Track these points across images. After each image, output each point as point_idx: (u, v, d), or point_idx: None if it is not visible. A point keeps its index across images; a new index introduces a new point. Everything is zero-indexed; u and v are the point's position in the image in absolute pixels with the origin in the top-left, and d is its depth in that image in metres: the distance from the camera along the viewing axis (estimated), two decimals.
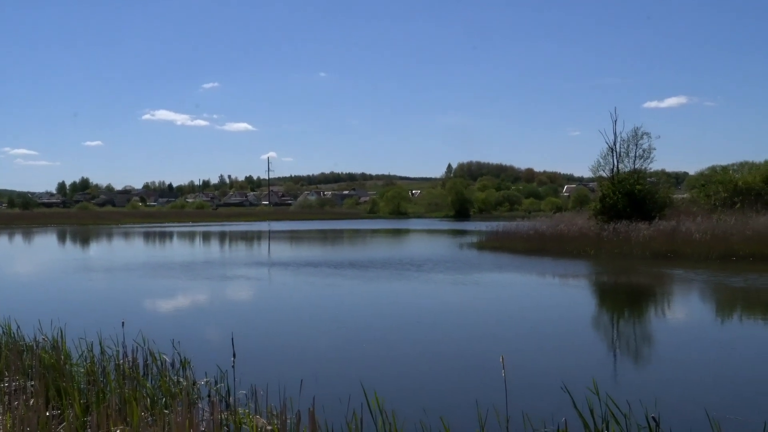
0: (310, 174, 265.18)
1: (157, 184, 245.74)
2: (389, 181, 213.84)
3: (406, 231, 70.86)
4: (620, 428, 7.09)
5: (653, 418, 6.99)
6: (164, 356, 10.48)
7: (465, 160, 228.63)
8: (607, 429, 7.09)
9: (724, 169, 55.18)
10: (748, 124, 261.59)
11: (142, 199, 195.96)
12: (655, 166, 43.99)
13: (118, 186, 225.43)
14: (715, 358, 11.92)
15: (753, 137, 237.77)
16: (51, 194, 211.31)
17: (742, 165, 56.72)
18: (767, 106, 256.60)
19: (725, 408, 8.49)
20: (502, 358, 7.22)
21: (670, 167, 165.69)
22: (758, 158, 73.51)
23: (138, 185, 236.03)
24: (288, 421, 6.89)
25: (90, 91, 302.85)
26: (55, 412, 7.31)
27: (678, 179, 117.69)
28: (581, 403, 7.38)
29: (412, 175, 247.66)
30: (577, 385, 8.18)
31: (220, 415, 7.36)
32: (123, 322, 10.76)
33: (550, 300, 19.98)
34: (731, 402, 9.02)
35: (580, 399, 7.46)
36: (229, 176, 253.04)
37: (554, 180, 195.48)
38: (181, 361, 10.50)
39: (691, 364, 11.61)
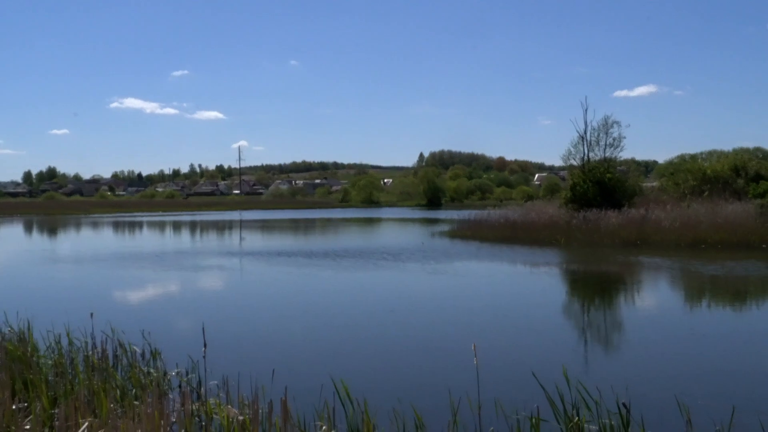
0: (282, 163, 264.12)
1: (126, 174, 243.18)
2: (361, 170, 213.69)
3: (378, 220, 70.85)
4: (591, 415, 7.14)
5: (624, 404, 7.04)
6: (134, 347, 10.37)
7: (437, 148, 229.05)
8: (578, 415, 7.14)
9: (693, 157, 55.94)
10: (716, 113, 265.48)
11: (111, 189, 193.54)
12: (625, 154, 44.34)
13: (86, 175, 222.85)
14: (685, 345, 12.05)
15: (721, 126, 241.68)
16: (17, 184, 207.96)
17: (711, 153, 57.48)
18: (735, 95, 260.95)
19: (695, 394, 8.59)
20: (474, 346, 7.23)
21: (640, 156, 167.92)
22: (726, 147, 74.52)
23: (106, 174, 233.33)
24: (260, 410, 6.84)
25: (57, 79, 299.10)
26: (21, 405, 7.18)
27: (648, 168, 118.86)
28: (552, 390, 7.42)
29: (384, 164, 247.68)
30: (549, 372, 8.24)
31: (191, 405, 7.29)
32: (92, 314, 10.62)
33: (522, 288, 20.10)
34: (701, 388, 9.12)
35: (551, 386, 7.50)
36: (200, 165, 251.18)
37: (525, 169, 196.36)
38: (151, 352, 10.39)
39: (661, 350, 11.72)
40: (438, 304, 17.02)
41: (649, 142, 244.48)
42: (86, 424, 6.17)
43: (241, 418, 6.68)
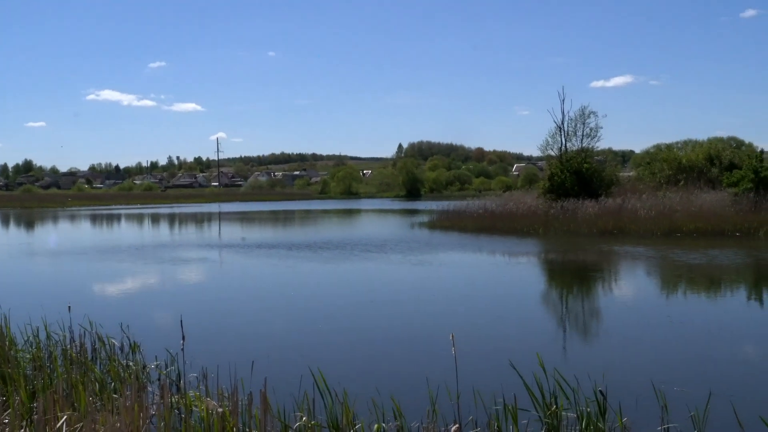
0: (261, 155, 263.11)
1: (103, 166, 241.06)
2: (340, 161, 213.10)
3: (358, 211, 70.81)
4: (569, 402, 7.22)
5: (600, 391, 7.14)
6: (113, 340, 10.35)
7: (416, 139, 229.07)
8: (556, 403, 7.22)
9: (669, 147, 56.31)
10: (691, 102, 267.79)
11: (88, 182, 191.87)
12: (602, 144, 44.51)
13: (63, 168, 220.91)
14: (661, 332, 12.19)
15: (696, 116, 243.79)
16: None
17: (686, 143, 57.89)
18: (709, 85, 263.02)
19: (671, 380, 8.70)
20: (452, 336, 7.28)
21: (617, 146, 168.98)
22: (701, 136, 75.14)
23: (83, 167, 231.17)
24: (240, 402, 6.86)
25: (32, 72, 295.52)
26: None
27: (624, 157, 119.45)
28: (531, 379, 7.50)
29: (363, 155, 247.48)
30: (528, 361, 8.31)
31: (171, 398, 7.29)
32: (69, 307, 10.56)
33: (501, 278, 20.21)
34: (677, 374, 9.24)
35: (529, 375, 7.57)
36: (178, 157, 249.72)
37: (504, 159, 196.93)
38: (130, 345, 10.37)
39: (638, 338, 11.86)
40: (418, 294, 17.08)
41: (626, 132, 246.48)
42: (65, 417, 6.16)
43: (220, 410, 6.69)
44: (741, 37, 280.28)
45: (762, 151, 38.92)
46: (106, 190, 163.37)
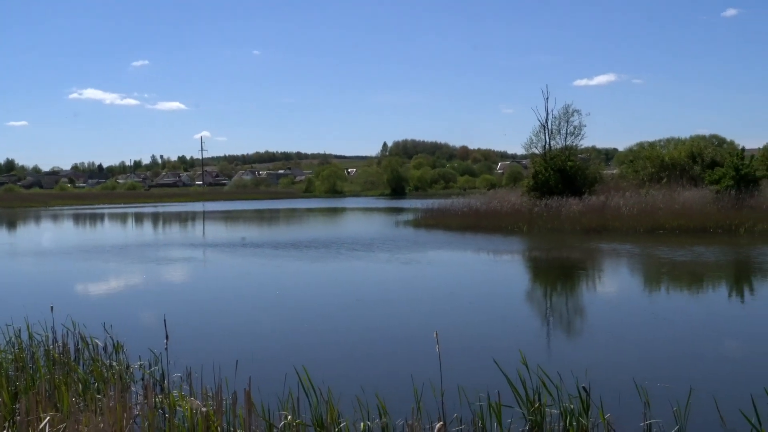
0: (245, 153, 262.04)
1: (86, 165, 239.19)
2: (325, 159, 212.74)
3: (343, 210, 70.79)
4: (552, 399, 7.27)
5: (584, 388, 7.18)
6: (96, 340, 10.29)
7: (400, 138, 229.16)
8: (540, 400, 7.26)
9: (652, 145, 56.64)
10: (673, 101, 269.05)
11: (71, 181, 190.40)
12: (585, 142, 44.74)
13: (46, 167, 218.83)
14: (645, 329, 12.27)
15: (678, 114, 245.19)
16: None
17: (669, 141, 58.23)
18: (692, 83, 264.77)
19: (654, 377, 8.76)
20: (436, 334, 7.30)
21: (601, 144, 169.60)
22: (683, 134, 75.67)
23: (66, 166, 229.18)
24: (224, 401, 6.85)
25: (14, 70, 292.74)
26: None
27: (608, 155, 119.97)
28: (515, 376, 7.53)
29: (347, 154, 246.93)
30: (512, 358, 8.34)
31: (154, 398, 7.27)
32: (51, 307, 10.51)
33: (486, 276, 20.27)
34: (660, 371, 9.31)
35: (513, 372, 7.61)
36: (162, 156, 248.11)
37: (488, 157, 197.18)
38: (113, 345, 10.31)
39: (621, 334, 11.93)
40: (403, 292, 17.11)
41: (609, 130, 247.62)
42: (48, 418, 6.12)
43: (204, 409, 6.68)
44: (722, 36, 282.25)
45: (743, 149, 39.20)
46: (90, 189, 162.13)
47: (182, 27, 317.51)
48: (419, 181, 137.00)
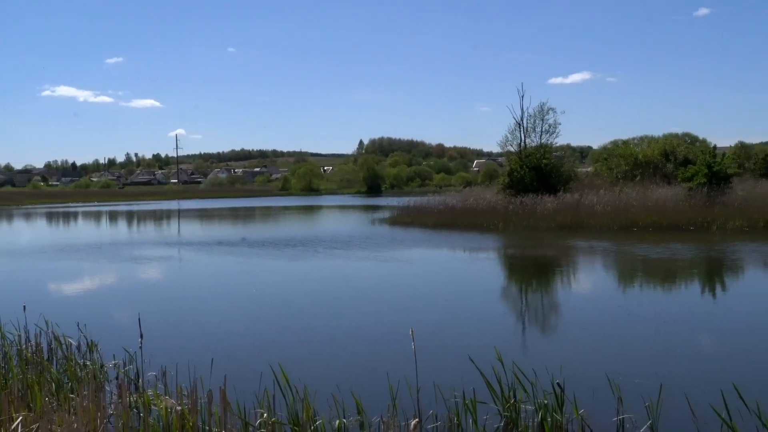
0: (220, 151, 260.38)
1: (59, 163, 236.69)
2: (301, 157, 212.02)
3: (319, 208, 70.69)
4: (527, 395, 7.33)
5: (558, 384, 7.25)
6: (70, 340, 10.20)
7: (376, 135, 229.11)
8: (515, 396, 7.31)
9: (626, 143, 57.14)
10: (647, 99, 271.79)
11: (44, 179, 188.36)
12: (560, 140, 44.99)
13: (18, 165, 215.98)
14: (618, 325, 12.39)
15: (652, 112, 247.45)
16: None
17: (642, 139, 58.81)
18: (665, 82, 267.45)
19: (627, 373, 8.85)
20: (412, 331, 7.33)
21: (575, 142, 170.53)
22: (657, 132, 76.39)
23: (39, 164, 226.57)
24: (199, 400, 6.83)
25: None
26: None
27: (582, 153, 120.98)
28: (490, 373, 7.58)
29: (323, 152, 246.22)
30: (487, 355, 8.39)
31: (129, 397, 7.23)
32: (24, 306, 10.41)
33: (462, 273, 20.34)
34: (633, 367, 9.39)
35: (489, 369, 7.66)
36: (136, 154, 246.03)
37: (464, 155, 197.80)
38: (87, 344, 10.22)
39: (596, 331, 12.04)
40: (380, 290, 17.13)
41: (584, 128, 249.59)
42: (20, 418, 6.07)
43: (179, 408, 6.66)
44: (695, 35, 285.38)
45: (715, 147, 39.69)
46: (63, 187, 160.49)
47: (157, 24, 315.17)
48: (395, 178, 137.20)
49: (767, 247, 23.67)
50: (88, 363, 9.15)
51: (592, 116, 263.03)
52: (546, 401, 7.12)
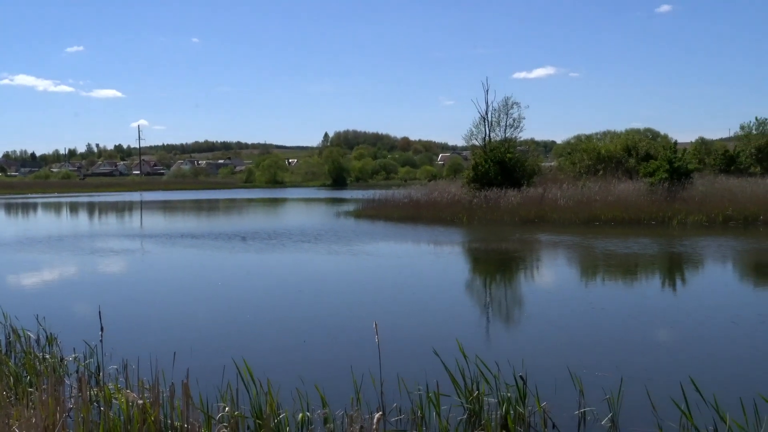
0: (184, 143, 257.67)
1: (18, 153, 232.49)
2: (265, 150, 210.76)
3: (284, 200, 70.39)
4: (490, 388, 7.37)
5: (521, 377, 7.31)
6: (29, 333, 10.04)
7: (342, 128, 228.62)
8: (478, 389, 7.36)
9: (589, 138, 57.87)
10: (610, 94, 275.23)
11: (2, 169, 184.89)
12: (524, 135, 45.47)
13: None
14: (581, 318, 12.52)
15: (615, 107, 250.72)
16: None
17: (605, 134, 59.56)
18: (627, 77, 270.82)
19: (588, 365, 8.95)
20: (375, 324, 7.33)
21: (539, 136, 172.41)
22: (619, 127, 77.32)
23: None
24: (161, 394, 6.76)
25: None
26: None
27: (546, 148, 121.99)
28: (453, 366, 7.62)
29: (288, 144, 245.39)
30: (451, 348, 8.42)
31: (89, 391, 7.13)
32: None
33: (426, 267, 20.39)
34: (594, 359, 9.51)
35: (452, 362, 7.70)
36: (97, 145, 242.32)
37: (429, 149, 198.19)
38: (47, 337, 10.07)
39: (558, 324, 12.15)
40: (344, 284, 17.12)
41: (548, 122, 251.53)
42: None
43: (140, 402, 6.58)
44: (656, 31, 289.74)
45: (676, 143, 40.26)
46: (22, 178, 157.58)
47: (118, 12, 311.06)
48: (360, 171, 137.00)
49: (726, 241, 24.09)
50: (48, 356, 9.02)
51: (556, 111, 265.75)
52: (509, 394, 7.18)
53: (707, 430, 6.57)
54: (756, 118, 56.74)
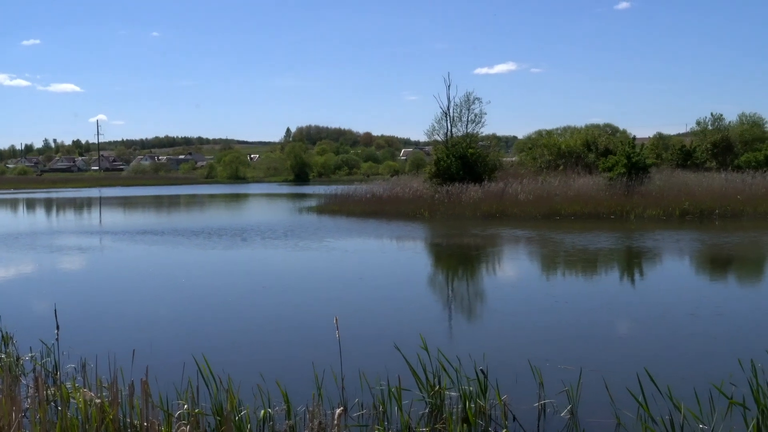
0: (144, 138, 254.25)
1: None
2: (227, 145, 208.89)
3: (246, 196, 69.98)
4: (451, 382, 7.42)
5: (482, 370, 7.36)
6: None
7: (304, 123, 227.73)
8: (439, 383, 7.40)
9: (549, 133, 58.43)
10: (570, 90, 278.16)
11: None
12: (486, 130, 45.92)
13: None
14: (540, 312, 12.63)
15: (574, 103, 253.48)
16: None
17: (565, 129, 60.16)
18: (586, 73, 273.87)
19: (548, 358, 9.05)
20: (336, 320, 7.33)
21: (501, 131, 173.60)
22: (579, 123, 78.17)
23: None
24: (120, 392, 6.69)
25: None
26: None
27: (508, 143, 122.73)
28: (415, 360, 7.65)
29: (250, 139, 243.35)
30: (413, 342, 8.45)
31: (46, 390, 7.03)
32: None
33: (388, 262, 20.44)
34: (554, 353, 9.61)
35: (414, 356, 7.72)
36: (55, 140, 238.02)
37: (392, 144, 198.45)
38: (2, 336, 9.90)
39: (519, 318, 12.27)
40: (306, 279, 17.07)
41: (509, 118, 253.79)
42: None
43: (99, 401, 6.50)
44: (615, 28, 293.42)
45: (634, 138, 40.93)
46: None
47: (76, 5, 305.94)
48: (323, 167, 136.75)
49: (682, 235, 24.51)
50: (3, 356, 8.87)
51: (517, 106, 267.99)
52: (470, 388, 7.24)
53: (663, 420, 6.68)
54: (711, 114, 58.01)
